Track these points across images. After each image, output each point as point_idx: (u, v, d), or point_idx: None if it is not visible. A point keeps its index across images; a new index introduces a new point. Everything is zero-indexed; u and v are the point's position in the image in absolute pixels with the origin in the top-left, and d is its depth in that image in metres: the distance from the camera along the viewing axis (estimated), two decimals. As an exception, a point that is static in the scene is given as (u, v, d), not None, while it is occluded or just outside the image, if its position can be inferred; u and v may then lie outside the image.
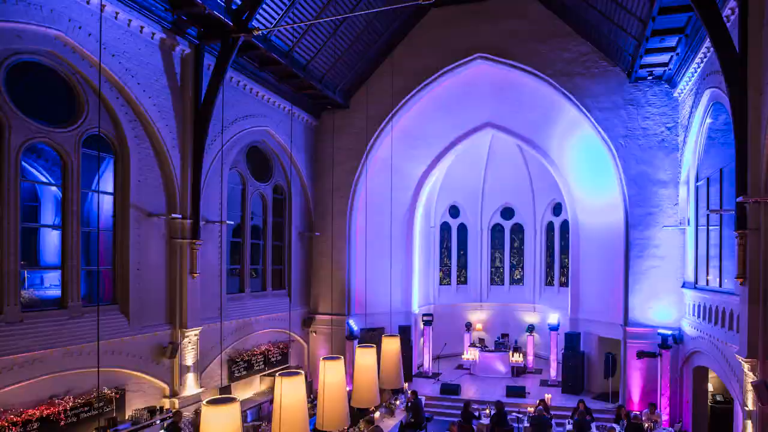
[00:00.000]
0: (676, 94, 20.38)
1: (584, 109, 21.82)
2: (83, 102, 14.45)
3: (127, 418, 15.26)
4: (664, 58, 18.89)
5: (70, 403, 13.61)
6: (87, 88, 14.45)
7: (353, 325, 24.02)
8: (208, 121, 17.26)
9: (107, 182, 15.69)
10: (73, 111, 14.39)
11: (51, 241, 20.02)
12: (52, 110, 13.95)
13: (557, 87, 22.07)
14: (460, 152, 28.41)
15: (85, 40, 13.75)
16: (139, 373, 15.91)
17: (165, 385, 16.83)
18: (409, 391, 20.53)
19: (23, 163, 14.71)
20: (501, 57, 22.62)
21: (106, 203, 15.74)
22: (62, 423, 13.36)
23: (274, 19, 18.44)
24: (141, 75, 15.63)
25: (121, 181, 15.75)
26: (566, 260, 29.00)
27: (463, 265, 34.55)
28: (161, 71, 16.44)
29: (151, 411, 15.55)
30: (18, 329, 12.75)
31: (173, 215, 16.95)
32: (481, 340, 30.39)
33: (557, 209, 31.31)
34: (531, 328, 29.69)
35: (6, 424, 12.17)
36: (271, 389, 20.36)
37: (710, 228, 17.92)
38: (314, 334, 25.17)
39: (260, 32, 16.38)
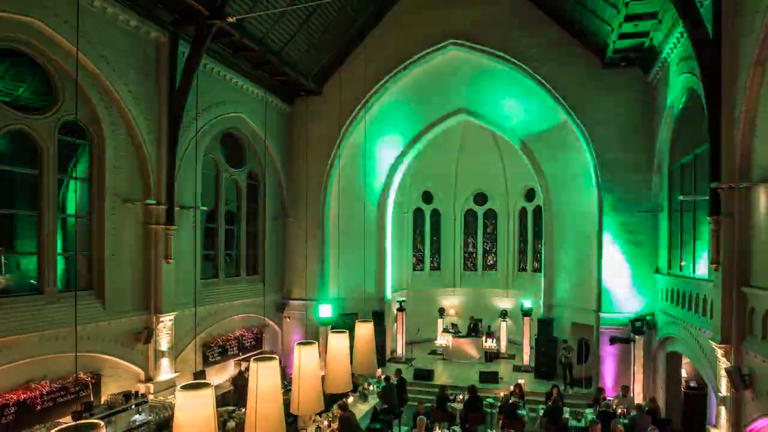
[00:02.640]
0: (649, 80, 20.41)
1: (557, 95, 21.83)
2: (59, 89, 14.51)
3: (102, 402, 15.38)
4: (637, 43, 18.93)
5: (47, 388, 13.73)
6: (63, 76, 14.49)
7: (327, 310, 24.09)
8: (183, 107, 17.37)
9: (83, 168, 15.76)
10: (50, 98, 14.43)
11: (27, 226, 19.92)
12: (28, 97, 13.96)
13: (530, 73, 22.04)
14: (433, 138, 28.48)
15: (61, 27, 13.72)
16: (114, 358, 16.03)
17: (140, 370, 16.99)
18: (382, 377, 20.67)
19: None
20: (474, 43, 22.62)
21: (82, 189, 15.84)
22: (39, 407, 13.47)
23: (248, 5, 18.44)
24: (117, 62, 15.63)
25: (96, 167, 15.83)
26: (539, 246, 29.26)
27: (436, 251, 34.78)
28: (137, 58, 16.47)
29: (127, 396, 15.65)
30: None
31: (148, 201, 17.05)
32: (454, 326, 30.44)
33: (530, 195, 31.53)
34: (504, 314, 29.78)
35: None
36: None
37: (684, 214, 17.98)
38: (288, 319, 25.28)
39: (234, 19, 16.42)
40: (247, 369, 20.08)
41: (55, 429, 3.84)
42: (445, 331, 30.00)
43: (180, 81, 17.35)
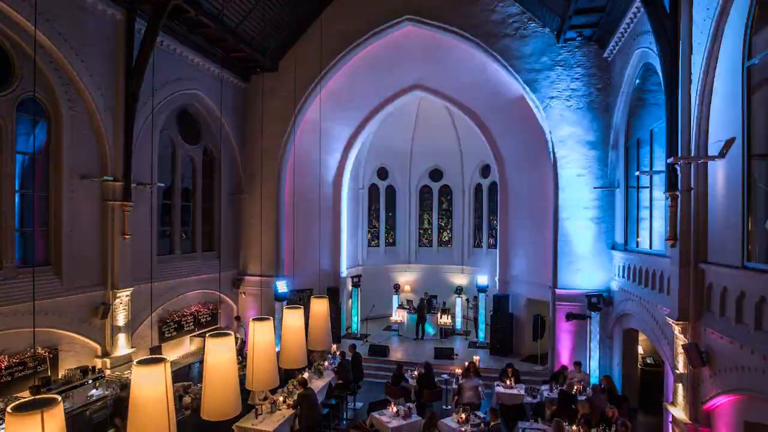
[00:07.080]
0: (606, 55, 20.35)
1: (513, 71, 21.79)
2: (17, 67, 14.55)
3: (60, 377, 15.57)
4: (593, 18, 18.74)
5: (5, 363, 13.93)
6: (21, 53, 14.52)
7: (282, 286, 24.28)
8: (140, 84, 17.41)
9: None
10: (8, 76, 14.46)
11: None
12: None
13: (486, 48, 22.04)
14: (388, 114, 28.74)
15: (19, 5, 13.70)
16: (71, 334, 16.20)
17: (97, 345, 17.16)
18: (338, 353, 20.94)
19: None
20: (429, 19, 22.53)
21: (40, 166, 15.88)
22: (-3, 381, 13.67)
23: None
24: (74, 39, 15.63)
25: (54, 144, 15.90)
26: (495, 222, 29.60)
27: (391, 227, 35.09)
28: (94, 35, 16.43)
29: (84, 371, 15.88)
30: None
31: (105, 177, 17.12)
32: (410, 302, 30.71)
33: (486, 171, 31.76)
34: (459, 290, 30.05)
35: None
36: (201, 350, 20.67)
37: (640, 189, 18.00)
38: (243, 295, 25.50)
39: (191, -5, 16.47)
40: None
41: (13, 404, 4.04)
42: (401, 307, 30.22)
43: (136, 58, 17.37)
